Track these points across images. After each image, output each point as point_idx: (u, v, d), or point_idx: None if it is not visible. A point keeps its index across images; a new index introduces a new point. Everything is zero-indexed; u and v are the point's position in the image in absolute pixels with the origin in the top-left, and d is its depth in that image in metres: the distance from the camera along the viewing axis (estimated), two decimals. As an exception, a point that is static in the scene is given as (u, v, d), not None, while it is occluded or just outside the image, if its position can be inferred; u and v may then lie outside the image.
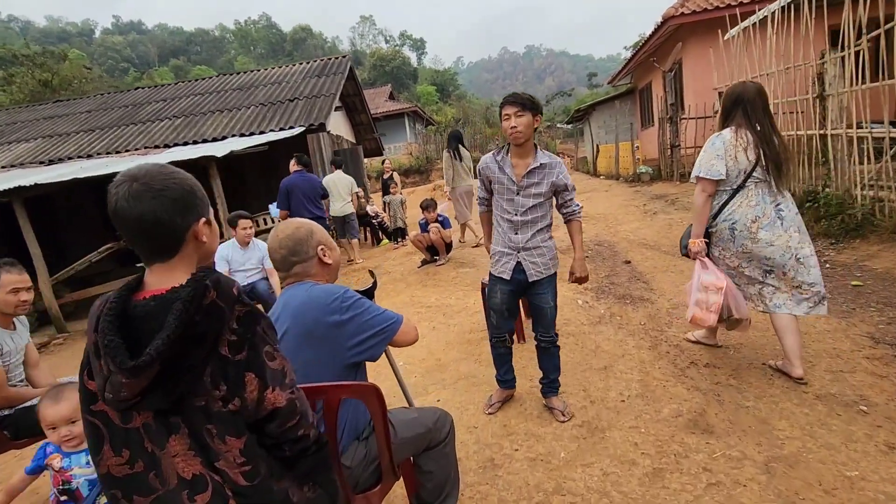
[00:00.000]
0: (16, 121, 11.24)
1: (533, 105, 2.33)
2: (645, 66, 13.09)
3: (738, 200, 2.56)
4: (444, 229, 5.68)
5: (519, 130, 2.30)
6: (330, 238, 1.65)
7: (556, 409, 2.59)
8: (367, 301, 1.54)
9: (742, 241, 2.57)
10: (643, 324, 3.65)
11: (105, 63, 66.80)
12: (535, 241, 2.45)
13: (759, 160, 2.49)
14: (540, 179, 2.40)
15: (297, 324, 1.44)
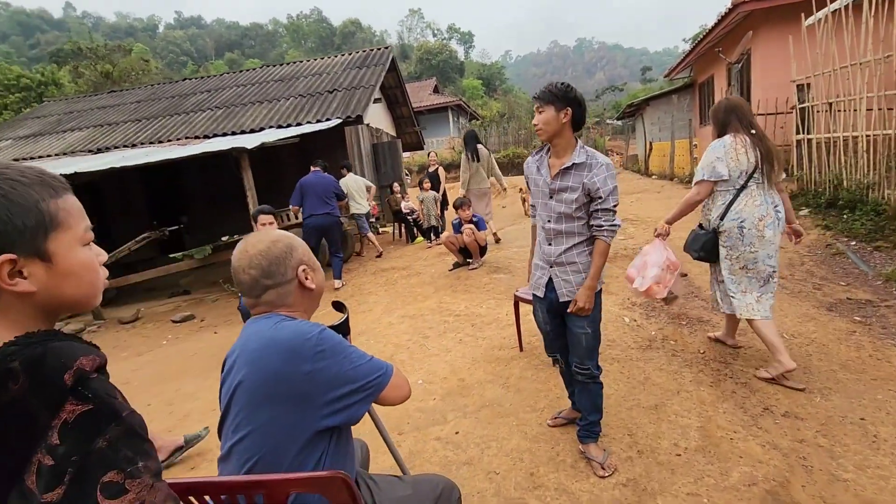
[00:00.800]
0: (73, 110, 11.70)
1: (555, 97, 1.99)
2: (707, 58, 12.09)
3: (743, 200, 2.66)
4: (479, 231, 5.27)
5: (539, 127, 2.04)
6: (313, 256, 1.29)
7: (594, 461, 2.15)
8: (350, 346, 1.19)
9: (751, 239, 2.65)
10: (702, 352, 3.12)
11: (166, 57, 70.20)
12: (568, 256, 2.10)
13: (758, 160, 2.61)
14: (574, 183, 2.03)
15: (254, 372, 1.09)
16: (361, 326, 4.59)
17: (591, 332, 2.12)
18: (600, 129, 26.67)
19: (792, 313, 3.52)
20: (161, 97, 11.38)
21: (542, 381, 2.98)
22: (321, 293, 1.32)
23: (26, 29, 79.01)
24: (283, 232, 1.27)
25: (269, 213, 4.16)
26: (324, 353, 1.09)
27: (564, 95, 1.98)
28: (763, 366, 2.78)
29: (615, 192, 2.01)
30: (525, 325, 3.70)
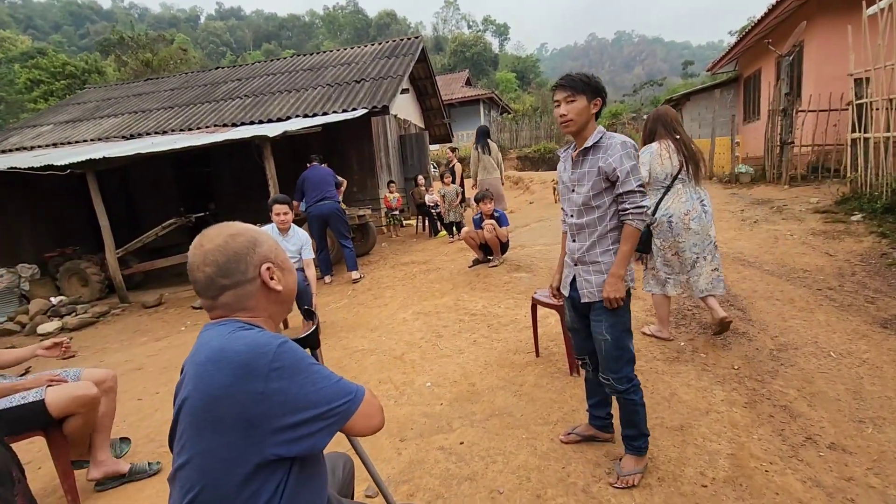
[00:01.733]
0: (110, 97, 12.02)
1: (587, 86, 1.89)
2: (754, 51, 11.42)
3: (670, 198, 3.07)
4: (501, 227, 5.06)
5: (569, 118, 1.90)
6: (283, 255, 1.14)
7: (617, 469, 2.03)
8: (314, 363, 1.00)
9: (678, 231, 3.07)
10: (737, 368, 2.85)
11: (207, 47, 72.00)
12: (591, 255, 1.98)
13: (682, 163, 3.00)
14: (590, 168, 1.93)
15: (199, 389, 0.93)
16: (375, 322, 4.48)
17: (612, 340, 1.94)
18: (637, 124, 25.81)
19: (840, 329, 3.19)
20: (194, 85, 11.55)
21: (558, 390, 2.78)
22: (290, 297, 1.16)
23: (77, 19, 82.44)
24: (247, 225, 1.11)
25: (285, 202, 4.08)
26: (281, 370, 0.93)
27: (596, 85, 1.89)
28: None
29: (636, 171, 1.87)
30: (543, 328, 3.50)
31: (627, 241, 1.88)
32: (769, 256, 4.77)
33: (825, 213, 5.80)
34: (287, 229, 4.11)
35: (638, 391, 2.00)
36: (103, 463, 2.38)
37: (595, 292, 1.96)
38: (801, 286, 4.00)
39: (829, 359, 2.84)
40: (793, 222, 5.77)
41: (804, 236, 5.20)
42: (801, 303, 3.67)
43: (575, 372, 2.92)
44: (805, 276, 4.21)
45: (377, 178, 9.20)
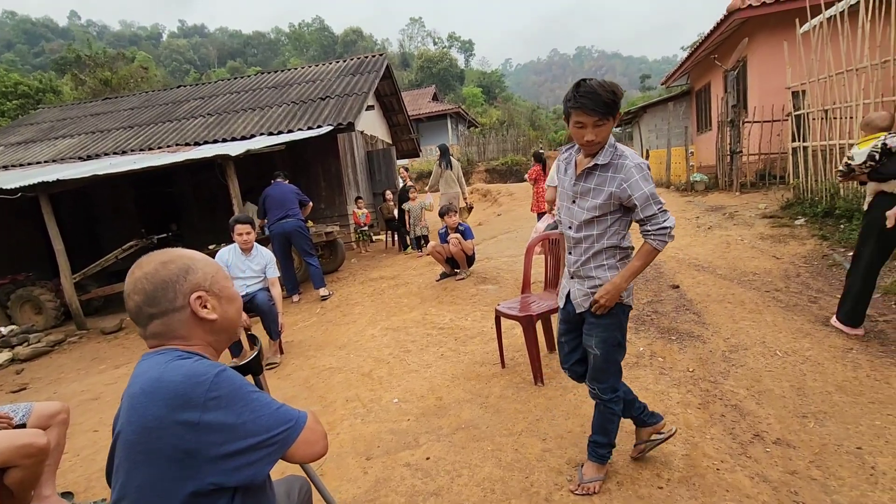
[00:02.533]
0: (66, 117, 11.63)
1: (613, 108, 1.73)
2: (703, 66, 12.02)
3: None
4: (466, 240, 5.13)
5: (597, 142, 1.79)
6: (223, 282, 1.11)
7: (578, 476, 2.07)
8: (253, 391, 0.99)
9: None
10: (691, 370, 2.97)
11: (170, 65, 70.52)
12: (586, 269, 1.93)
13: None
14: (597, 185, 1.84)
15: (133, 422, 0.91)
16: (344, 339, 4.46)
17: (601, 354, 1.92)
18: (599, 136, 26.57)
19: (786, 328, 3.37)
20: (155, 104, 11.30)
21: (523, 400, 2.83)
22: (229, 326, 1.12)
23: (31, 37, 79.53)
24: (183, 252, 1.09)
25: (247, 221, 4.04)
26: (218, 400, 0.91)
27: (617, 103, 1.75)
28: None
29: (655, 195, 1.77)
30: (508, 339, 3.56)
31: (642, 258, 1.82)
32: (722, 261, 5.00)
33: (772, 218, 6.13)
34: (250, 249, 4.06)
35: (620, 403, 2.01)
36: (48, 499, 2.28)
37: (585, 303, 1.94)
38: (751, 289, 4.20)
39: (776, 357, 2.99)
40: (743, 227, 6.06)
41: (753, 241, 5.47)
42: (750, 305, 3.85)
43: (539, 381, 2.98)
44: (754, 278, 4.43)
45: (345, 194, 9.18)
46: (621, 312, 1.93)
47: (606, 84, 1.72)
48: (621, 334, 1.95)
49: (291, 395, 3.44)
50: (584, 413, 2.59)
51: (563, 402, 2.74)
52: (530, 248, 3.46)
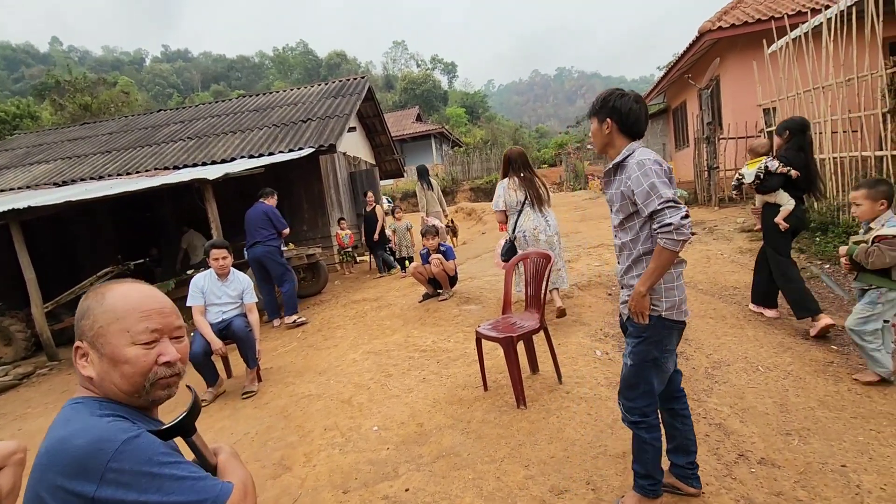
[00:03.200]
0: (42, 142, 11.45)
1: (594, 109, 1.92)
2: (679, 85, 12.35)
3: (523, 219, 4.13)
4: (447, 260, 5.09)
5: (591, 140, 2.02)
6: (115, 335, 0.94)
7: None
8: (170, 463, 0.86)
9: (531, 241, 4.09)
10: (675, 389, 2.93)
11: (153, 89, 70.41)
12: (628, 277, 1.90)
13: (527, 194, 4.09)
14: (615, 189, 1.90)
15: (31, 487, 0.82)
16: (324, 364, 4.35)
17: (631, 366, 1.85)
18: (580, 154, 27.05)
19: (767, 343, 3.37)
20: (134, 128, 11.20)
21: (505, 425, 2.76)
22: (118, 390, 0.94)
23: (11, 63, 78.97)
24: (106, 289, 0.98)
25: (223, 246, 3.95)
26: (119, 473, 0.79)
27: (602, 106, 1.87)
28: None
29: (656, 189, 1.70)
30: (491, 360, 3.49)
31: (655, 259, 1.75)
32: (703, 276, 5.02)
33: (750, 232, 6.21)
34: (226, 274, 3.97)
35: (652, 430, 1.86)
36: None
37: (624, 310, 1.90)
38: (732, 303, 4.21)
39: (758, 373, 2.97)
40: (723, 242, 6.13)
41: (733, 255, 5.52)
42: (732, 319, 3.85)
43: (521, 404, 2.92)
44: (735, 293, 4.45)
45: (328, 215, 9.12)
46: (661, 326, 1.80)
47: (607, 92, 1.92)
48: (658, 351, 1.81)
49: (268, 425, 3.32)
50: (567, 437, 2.53)
51: (546, 426, 2.68)
52: (509, 268, 3.43)
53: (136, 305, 0.97)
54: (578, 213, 12.24)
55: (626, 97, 1.85)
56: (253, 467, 2.79)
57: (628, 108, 1.83)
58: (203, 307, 3.91)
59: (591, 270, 5.65)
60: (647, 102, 10.12)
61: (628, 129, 1.85)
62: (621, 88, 1.90)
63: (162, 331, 0.99)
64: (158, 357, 0.97)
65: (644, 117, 1.87)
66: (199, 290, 3.89)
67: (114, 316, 0.94)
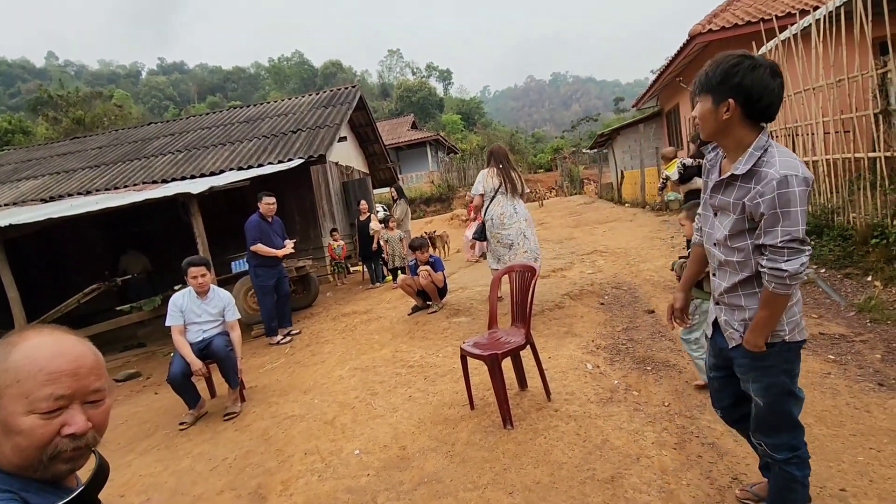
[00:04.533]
0: (31, 158, 11.36)
1: (710, 85, 1.44)
2: (671, 88, 12.32)
3: (493, 205, 4.68)
4: (436, 272, 4.99)
5: (697, 121, 1.54)
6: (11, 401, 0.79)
7: None
8: None
9: (498, 227, 4.64)
10: (667, 405, 2.82)
11: (149, 102, 70.64)
12: (732, 297, 1.56)
13: (502, 182, 4.65)
14: (734, 199, 1.48)
15: None
16: (310, 382, 4.23)
17: (765, 406, 1.55)
18: (575, 158, 27.07)
19: (763, 354, 3.25)
20: (124, 142, 11.12)
21: (490, 447, 2.64)
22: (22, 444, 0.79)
23: (7, 78, 79.20)
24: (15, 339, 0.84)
25: (201, 263, 3.85)
26: None
27: (722, 81, 1.41)
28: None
29: (789, 219, 1.35)
30: (479, 377, 3.38)
31: (766, 305, 1.44)
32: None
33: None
34: (205, 292, 3.86)
35: (804, 466, 1.58)
36: None
37: (736, 332, 1.56)
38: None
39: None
40: (718, 247, 6.03)
41: (728, 260, 5.42)
42: (726, 329, 3.74)
43: (508, 424, 2.80)
44: (730, 300, 4.34)
45: (319, 226, 9.03)
46: (786, 351, 1.51)
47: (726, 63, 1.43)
48: (789, 378, 1.54)
49: (248, 449, 3.20)
50: (555, 459, 2.42)
51: (533, 448, 2.56)
52: (495, 282, 3.33)
53: (42, 366, 0.81)
54: (573, 219, 12.17)
55: (758, 69, 1.38)
56: (228, 497, 2.68)
57: (762, 87, 1.38)
58: (182, 326, 3.80)
59: (583, 279, 5.55)
60: (640, 106, 10.08)
61: (757, 113, 1.43)
62: (751, 55, 1.42)
63: (72, 396, 0.83)
64: (62, 428, 0.81)
65: (780, 97, 1.44)
66: (177, 308, 3.78)
67: (13, 377, 0.80)
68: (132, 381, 5.66)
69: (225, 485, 2.81)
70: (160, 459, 3.31)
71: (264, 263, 5.58)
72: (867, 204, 4.44)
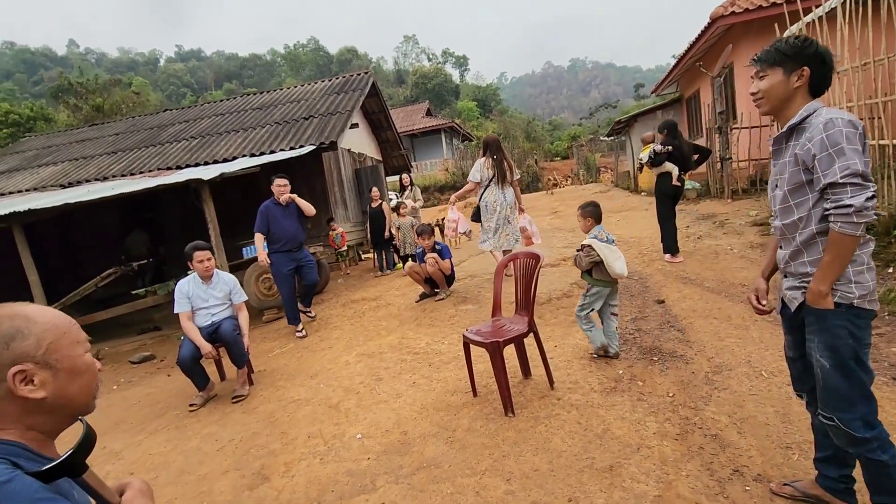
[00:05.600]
0: (52, 144, 11.59)
1: (783, 56, 1.53)
2: (692, 73, 11.99)
3: (488, 192, 5.20)
4: (443, 259, 4.97)
5: (759, 96, 1.60)
6: (68, 347, 0.91)
7: None
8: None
9: (490, 212, 5.18)
10: (671, 395, 2.78)
11: (167, 89, 71.38)
12: (797, 265, 1.58)
13: (495, 172, 5.15)
14: (788, 157, 1.56)
15: None
16: (317, 367, 4.28)
17: (830, 366, 1.49)
18: (592, 145, 26.63)
19: (773, 345, 3.18)
20: (140, 129, 11.27)
21: (491, 434, 2.64)
22: (71, 404, 0.92)
23: (30, 66, 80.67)
24: (22, 309, 0.90)
25: (205, 248, 3.89)
26: None
27: (798, 52, 1.50)
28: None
29: (844, 156, 1.38)
30: (482, 364, 3.37)
31: (831, 248, 1.44)
32: (710, 273, 4.82)
33: (762, 225, 5.97)
34: (210, 276, 3.91)
35: (887, 446, 1.48)
36: None
37: (800, 295, 1.57)
38: (738, 301, 4.02)
39: (761, 379, 2.80)
40: (733, 236, 5.90)
41: (743, 250, 5.30)
42: (737, 319, 3.67)
43: (510, 412, 2.79)
44: (742, 291, 4.25)
45: (331, 213, 9.06)
46: (853, 315, 1.47)
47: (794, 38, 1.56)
48: (857, 344, 1.48)
49: (253, 431, 3.26)
50: (554, 447, 2.41)
51: (533, 436, 2.55)
52: (500, 269, 3.30)
53: (64, 319, 0.95)
54: (587, 207, 12.02)
55: (822, 46, 1.53)
56: (232, 477, 2.73)
57: (831, 60, 1.53)
58: (190, 312, 3.86)
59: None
60: (659, 92, 9.92)
61: (818, 84, 1.53)
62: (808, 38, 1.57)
63: None
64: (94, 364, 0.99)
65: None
66: (184, 295, 3.84)
67: (59, 330, 0.92)
68: (147, 364, 5.80)
69: (230, 465, 2.87)
70: (170, 439, 3.39)
71: (276, 249, 5.30)
72: (891, 193, 4.28)
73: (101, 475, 0.98)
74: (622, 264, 3.12)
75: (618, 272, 3.10)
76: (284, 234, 5.27)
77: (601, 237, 3.20)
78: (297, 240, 5.35)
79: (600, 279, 3.20)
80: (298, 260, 5.37)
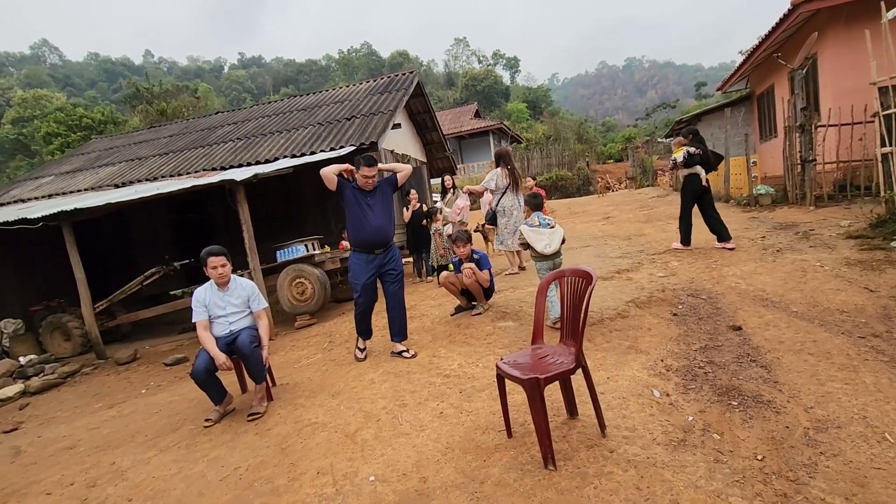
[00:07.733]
0: (113, 146, 12.12)
1: None
2: (765, 67, 10.86)
3: (504, 198, 5.96)
4: (481, 270, 4.51)
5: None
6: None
7: None
8: None
9: (507, 216, 5.94)
10: (761, 458, 2.18)
11: (230, 95, 75.02)
12: None
13: (510, 182, 5.94)
14: None
15: None
16: (341, 384, 3.93)
17: None
18: (649, 147, 25.24)
19: (889, 388, 2.49)
20: (192, 131, 11.55)
21: (526, 493, 2.16)
22: None
23: (111, 75, 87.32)
24: None
25: (221, 253, 3.63)
26: None
27: None
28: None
29: None
30: (517, 395, 2.89)
31: None
32: (797, 294, 4.08)
33: (859, 238, 5.09)
34: (226, 283, 3.65)
35: None
36: None
37: None
38: (839, 333, 3.30)
39: (886, 445, 2.15)
40: (822, 250, 5.05)
41: (837, 267, 4.49)
42: (840, 357, 2.97)
43: (550, 464, 2.29)
44: (843, 319, 3.51)
45: (371, 216, 8.81)
46: None
47: None
48: None
49: (262, 459, 2.94)
50: (606, 523, 1.89)
51: (579, 500, 2.05)
52: (542, 288, 2.80)
53: None
54: (644, 213, 11.15)
55: None
56: (228, 517, 2.40)
57: None
58: (207, 321, 3.62)
59: (653, 283, 4.84)
60: (726, 89, 9.11)
61: None
62: None
63: None
64: None
65: None
66: (200, 304, 3.61)
67: None
68: (178, 367, 5.71)
69: (229, 500, 2.55)
70: (177, 460, 3.14)
71: (355, 247, 4.15)
72: None
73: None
74: (544, 244, 3.99)
75: (540, 250, 3.98)
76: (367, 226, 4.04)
77: (533, 222, 4.09)
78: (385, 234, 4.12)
79: (535, 255, 4.09)
80: (385, 264, 4.15)
